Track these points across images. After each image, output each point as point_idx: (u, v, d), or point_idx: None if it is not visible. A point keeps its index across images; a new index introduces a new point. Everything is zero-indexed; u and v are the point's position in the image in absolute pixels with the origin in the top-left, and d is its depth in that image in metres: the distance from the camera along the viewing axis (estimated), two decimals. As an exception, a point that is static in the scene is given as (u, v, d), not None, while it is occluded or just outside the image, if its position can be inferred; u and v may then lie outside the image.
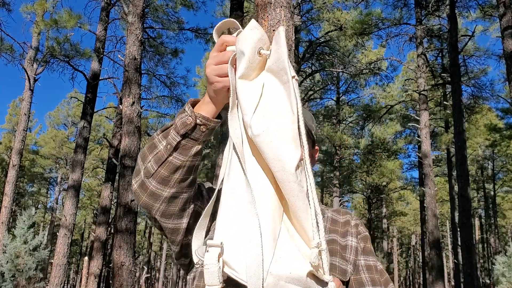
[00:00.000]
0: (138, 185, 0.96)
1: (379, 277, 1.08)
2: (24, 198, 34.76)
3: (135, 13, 8.39)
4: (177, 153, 0.91)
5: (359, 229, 1.14)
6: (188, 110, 0.90)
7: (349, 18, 14.08)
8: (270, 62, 0.78)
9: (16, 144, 13.72)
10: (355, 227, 1.14)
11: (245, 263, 0.66)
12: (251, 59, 0.77)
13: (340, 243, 1.09)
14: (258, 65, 0.78)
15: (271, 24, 3.70)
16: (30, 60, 13.90)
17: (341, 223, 1.15)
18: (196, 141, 0.91)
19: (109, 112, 23.94)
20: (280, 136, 0.72)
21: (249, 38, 0.77)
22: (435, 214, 12.98)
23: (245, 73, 0.77)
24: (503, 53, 10.17)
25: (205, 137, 0.91)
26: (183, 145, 0.91)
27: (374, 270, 1.08)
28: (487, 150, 26.47)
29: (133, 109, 7.94)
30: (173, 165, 0.92)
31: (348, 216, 1.17)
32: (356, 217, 1.18)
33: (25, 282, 9.67)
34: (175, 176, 0.93)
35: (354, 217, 1.17)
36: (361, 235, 1.13)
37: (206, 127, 0.90)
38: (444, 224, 36.72)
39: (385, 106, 19.29)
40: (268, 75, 0.79)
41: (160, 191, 0.94)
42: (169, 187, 0.94)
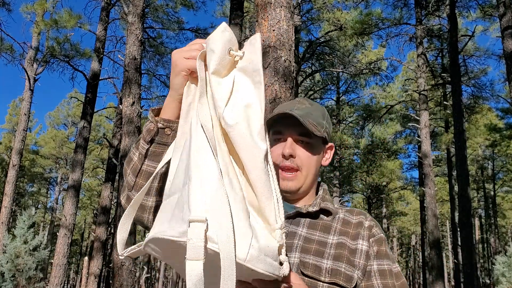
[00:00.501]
0: (124, 200, 1.02)
1: (394, 281, 1.01)
2: (24, 198, 34.76)
3: (135, 13, 8.39)
4: (149, 161, 0.95)
5: (373, 231, 1.07)
6: (150, 117, 0.93)
7: (349, 18, 14.08)
8: (243, 62, 0.84)
9: (16, 144, 13.72)
10: (368, 229, 1.07)
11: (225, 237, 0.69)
12: (221, 57, 0.82)
13: (349, 246, 1.02)
14: (227, 64, 0.83)
15: (271, 24, 3.70)
16: (30, 60, 13.90)
17: (354, 224, 1.08)
18: (166, 145, 0.93)
19: (109, 112, 23.95)
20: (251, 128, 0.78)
21: (219, 38, 0.83)
22: (435, 214, 12.98)
23: (216, 69, 0.82)
24: (503, 53, 10.17)
25: (173, 139, 0.91)
26: (152, 151, 0.93)
27: (388, 275, 1.01)
28: (487, 150, 26.47)
29: (133, 109, 7.94)
30: (148, 173, 0.95)
31: (361, 216, 1.10)
32: (371, 218, 1.10)
33: (25, 282, 9.68)
34: (154, 184, 0.97)
35: (369, 218, 1.10)
36: (375, 237, 1.06)
37: (171, 129, 0.92)
38: (444, 224, 36.72)
39: (385, 106, 19.29)
40: (239, 74, 0.84)
41: (144, 202, 0.98)
42: (151, 196, 0.97)
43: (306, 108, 1.09)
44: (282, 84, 3.60)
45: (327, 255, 0.99)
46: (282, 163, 1.06)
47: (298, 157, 1.06)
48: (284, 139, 1.07)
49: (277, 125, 1.09)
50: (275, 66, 3.61)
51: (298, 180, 1.07)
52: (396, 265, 1.04)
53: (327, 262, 0.98)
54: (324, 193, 1.14)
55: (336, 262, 0.98)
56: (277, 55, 3.63)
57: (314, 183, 1.13)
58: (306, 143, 1.07)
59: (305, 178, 1.08)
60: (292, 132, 1.07)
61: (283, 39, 3.67)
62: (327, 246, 1.02)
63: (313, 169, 1.09)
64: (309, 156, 1.08)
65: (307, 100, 1.14)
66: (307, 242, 1.02)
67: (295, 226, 1.06)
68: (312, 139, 1.07)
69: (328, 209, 1.08)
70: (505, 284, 11.41)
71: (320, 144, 1.11)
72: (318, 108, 1.12)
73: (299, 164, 1.07)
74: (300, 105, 1.09)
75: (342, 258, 1.00)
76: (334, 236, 1.04)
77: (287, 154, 1.05)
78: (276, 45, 3.65)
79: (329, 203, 1.10)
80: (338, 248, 1.01)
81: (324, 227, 1.06)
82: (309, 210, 1.07)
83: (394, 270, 1.03)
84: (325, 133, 1.09)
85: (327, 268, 0.97)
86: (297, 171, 1.07)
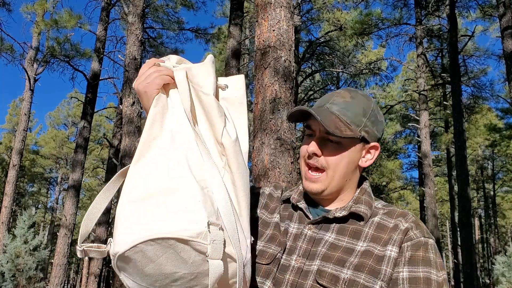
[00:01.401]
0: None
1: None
2: (24, 198, 34.76)
3: (135, 13, 8.40)
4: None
5: (409, 235, 0.93)
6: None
7: (349, 18, 14.08)
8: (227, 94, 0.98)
9: (16, 144, 13.73)
10: (403, 233, 0.93)
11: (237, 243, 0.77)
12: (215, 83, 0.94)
13: (377, 254, 0.92)
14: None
15: (271, 24, 3.71)
16: (30, 60, 13.92)
17: (389, 228, 0.96)
18: None
19: (109, 112, 23.97)
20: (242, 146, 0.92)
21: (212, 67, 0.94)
22: (435, 214, 12.99)
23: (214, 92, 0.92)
24: (503, 53, 10.18)
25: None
26: None
27: (422, 283, 0.87)
28: (487, 150, 26.48)
29: (133, 109, 7.95)
30: None
31: (400, 219, 0.97)
32: (412, 219, 0.96)
33: (25, 282, 9.68)
34: None
35: (409, 219, 0.96)
36: (411, 241, 0.92)
37: None
38: (444, 224, 36.72)
39: (385, 106, 19.30)
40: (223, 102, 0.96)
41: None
42: None
43: (343, 102, 0.98)
44: (282, 84, 3.61)
45: (349, 264, 0.91)
46: (308, 160, 0.99)
47: (324, 156, 0.97)
48: (314, 134, 0.99)
49: (308, 119, 1.01)
50: (275, 66, 3.62)
51: (321, 183, 0.98)
52: (441, 273, 0.89)
53: (346, 272, 0.90)
54: (360, 194, 1.03)
55: (356, 272, 0.90)
56: (277, 55, 3.63)
57: (348, 185, 1.02)
58: (336, 142, 0.97)
59: (331, 180, 0.98)
60: (321, 129, 0.98)
61: (283, 39, 3.67)
62: (353, 254, 0.93)
63: (342, 170, 0.98)
64: (337, 156, 0.97)
65: (350, 91, 1.02)
66: (332, 249, 0.95)
67: (324, 231, 0.98)
68: (343, 138, 0.96)
69: (359, 213, 0.98)
70: (505, 284, 11.41)
71: (356, 143, 0.99)
72: (360, 102, 0.99)
73: (323, 164, 0.98)
74: (338, 99, 0.99)
75: (364, 268, 0.90)
76: (364, 242, 0.94)
77: (310, 153, 0.98)
78: (276, 45, 3.66)
79: (362, 206, 0.99)
80: (363, 257, 0.92)
81: (354, 232, 0.97)
82: (336, 216, 0.98)
83: (434, 279, 0.88)
84: (363, 132, 0.98)
85: (345, 279, 0.89)
86: (323, 171, 0.98)
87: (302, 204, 1.04)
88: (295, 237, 1.00)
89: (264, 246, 1.01)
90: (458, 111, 12.58)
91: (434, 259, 0.90)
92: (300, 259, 0.96)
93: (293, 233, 1.01)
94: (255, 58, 3.81)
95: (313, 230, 0.99)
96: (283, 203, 1.09)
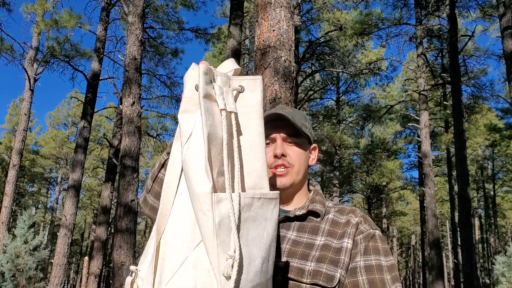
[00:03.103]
0: (142, 200, 1.14)
1: (385, 275, 1.01)
2: (24, 198, 34.77)
3: (135, 13, 8.40)
4: (164, 170, 1.02)
5: (360, 228, 1.07)
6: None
7: (349, 18, 14.08)
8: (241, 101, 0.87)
9: (16, 144, 13.73)
10: (354, 227, 1.07)
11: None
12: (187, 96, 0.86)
13: (334, 246, 1.04)
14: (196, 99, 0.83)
15: (271, 24, 3.71)
16: (30, 60, 13.91)
17: (342, 224, 1.09)
18: None
19: (109, 112, 23.96)
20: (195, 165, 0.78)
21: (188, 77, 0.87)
22: (435, 214, 12.99)
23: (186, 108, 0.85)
24: (503, 53, 10.18)
25: None
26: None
27: (376, 270, 1.01)
28: (487, 150, 26.48)
29: (133, 109, 7.95)
30: (162, 180, 1.04)
31: (350, 215, 1.11)
32: (361, 214, 1.11)
33: (25, 282, 9.68)
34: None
35: (358, 214, 1.11)
36: (363, 234, 1.06)
37: None
38: (444, 224, 36.73)
39: (385, 106, 19.30)
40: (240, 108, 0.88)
41: (156, 205, 1.05)
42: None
43: (289, 112, 1.13)
44: (282, 84, 3.61)
45: (312, 258, 1.02)
46: (275, 163, 1.11)
47: (289, 155, 1.11)
48: (273, 140, 1.12)
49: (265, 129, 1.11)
50: (275, 66, 3.62)
51: (290, 176, 1.11)
52: (388, 258, 1.04)
53: (310, 264, 1.01)
54: (314, 194, 1.16)
55: (318, 264, 1.01)
56: (277, 55, 3.63)
57: (305, 181, 1.17)
58: (295, 143, 1.13)
59: (297, 174, 1.12)
60: (281, 133, 1.12)
61: (283, 39, 3.67)
62: (313, 248, 1.04)
63: (303, 166, 1.13)
64: (299, 153, 1.13)
65: (287, 106, 1.21)
66: (295, 245, 1.06)
67: (285, 230, 1.09)
68: (299, 139, 1.13)
69: (316, 211, 1.10)
70: (505, 284, 11.41)
71: (307, 143, 1.16)
72: (299, 112, 1.18)
73: (290, 162, 1.11)
74: (284, 110, 1.14)
75: (325, 259, 1.02)
76: (322, 237, 1.06)
77: (279, 154, 1.10)
78: (276, 45, 3.66)
79: (318, 205, 1.12)
80: (323, 250, 1.03)
81: (313, 229, 1.09)
82: (297, 214, 1.10)
83: (384, 264, 1.03)
84: (309, 133, 1.15)
85: (309, 270, 1.00)
86: (289, 168, 1.11)
87: None
88: None
89: None
90: (458, 111, 12.57)
91: (382, 248, 1.05)
92: None
93: None
94: (255, 58, 3.81)
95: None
96: None
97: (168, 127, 17.21)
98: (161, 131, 16.88)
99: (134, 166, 7.71)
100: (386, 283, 1.00)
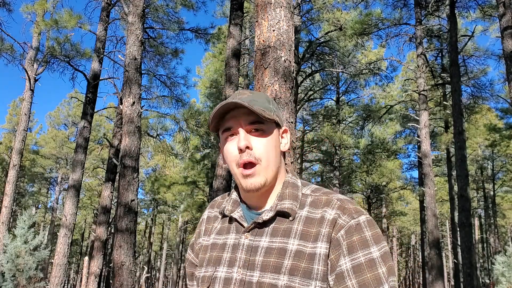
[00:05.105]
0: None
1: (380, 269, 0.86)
2: (25, 198, 34.77)
3: (135, 13, 8.41)
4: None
5: (339, 223, 0.91)
6: None
7: (349, 18, 14.09)
8: None
9: (17, 144, 13.74)
10: (330, 225, 0.91)
11: None
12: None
13: (308, 253, 0.90)
14: None
15: (271, 24, 3.72)
16: (31, 60, 13.92)
17: (316, 221, 0.93)
18: None
19: (109, 112, 23.97)
20: None
21: None
22: (435, 214, 13.00)
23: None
24: (503, 53, 10.18)
25: None
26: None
27: (366, 268, 0.86)
28: (486, 150, 26.49)
29: (133, 109, 7.96)
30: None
31: (325, 209, 0.94)
32: (338, 205, 0.93)
33: (25, 282, 9.69)
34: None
35: (335, 206, 0.93)
36: (343, 228, 0.90)
37: None
38: (444, 224, 36.73)
39: (385, 106, 19.30)
40: None
41: None
42: None
43: (248, 96, 0.99)
44: (282, 84, 3.61)
45: (284, 270, 0.90)
46: (241, 160, 0.95)
47: (255, 148, 0.96)
48: (236, 132, 0.98)
49: (224, 122, 1.00)
50: (275, 66, 3.63)
51: (259, 174, 0.96)
52: (380, 245, 0.89)
53: (283, 278, 0.89)
54: (284, 188, 1.01)
55: (291, 278, 0.89)
56: (277, 55, 3.64)
57: (279, 172, 1.01)
58: (260, 130, 0.98)
59: (267, 169, 0.96)
60: (242, 123, 0.97)
61: (283, 39, 3.68)
62: (286, 255, 0.91)
63: (272, 157, 0.98)
64: (265, 143, 0.97)
65: (247, 90, 1.05)
66: (268, 254, 0.93)
67: (259, 237, 0.97)
68: (264, 125, 0.98)
69: (283, 211, 0.96)
70: (505, 284, 11.42)
71: (274, 128, 1.01)
72: (260, 94, 1.03)
73: (257, 156, 0.96)
74: (242, 95, 1.00)
75: (298, 271, 0.89)
76: (295, 239, 0.92)
77: (243, 147, 0.95)
78: (276, 45, 3.67)
79: (286, 202, 0.97)
80: (296, 258, 0.90)
81: (285, 231, 0.95)
82: (264, 219, 0.96)
83: (377, 254, 0.87)
84: (276, 116, 1.00)
85: (282, 286, 0.89)
86: (256, 164, 0.96)
87: (236, 214, 1.02)
88: (234, 248, 0.99)
89: (204, 271, 1.02)
90: (458, 111, 12.58)
91: (369, 236, 0.89)
92: (241, 270, 0.95)
93: (231, 244, 1.00)
94: (255, 58, 3.82)
95: (249, 238, 0.98)
96: (222, 217, 1.09)
97: (168, 127, 17.21)
98: (161, 131, 16.87)
99: (134, 166, 7.72)
100: (381, 279, 0.86)
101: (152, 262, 44.67)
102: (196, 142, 21.87)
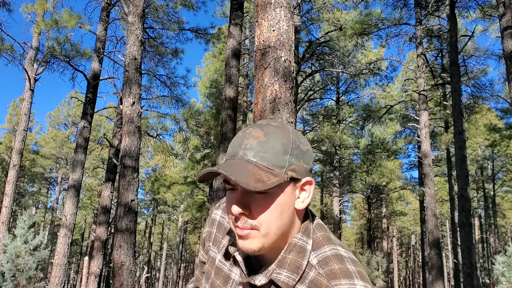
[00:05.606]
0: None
1: None
2: (25, 198, 34.79)
3: (135, 13, 8.41)
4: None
5: None
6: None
7: (349, 18, 14.10)
8: None
9: (17, 144, 13.74)
10: None
11: None
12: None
13: None
14: None
15: (271, 24, 3.72)
16: (31, 60, 13.93)
17: None
18: None
19: (109, 112, 23.99)
20: None
21: None
22: (435, 214, 13.00)
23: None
24: (503, 53, 10.18)
25: None
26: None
27: None
28: (486, 150, 26.50)
29: (133, 109, 7.96)
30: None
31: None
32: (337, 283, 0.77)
33: (25, 282, 9.70)
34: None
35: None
36: None
37: None
38: (444, 224, 36.74)
39: (385, 106, 19.31)
40: None
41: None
42: None
43: (257, 144, 0.78)
44: (282, 84, 3.61)
45: None
46: (236, 222, 0.80)
47: (253, 212, 0.78)
48: (235, 186, 0.80)
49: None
50: (275, 66, 3.63)
51: (253, 240, 0.79)
52: None
53: None
54: (286, 253, 0.82)
55: None
56: (277, 55, 3.64)
57: (288, 233, 0.82)
58: (263, 192, 0.77)
59: (265, 238, 0.78)
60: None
61: (283, 39, 3.68)
62: None
63: (276, 224, 0.78)
64: (267, 209, 0.78)
65: (262, 127, 0.81)
66: None
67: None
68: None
69: (277, 283, 0.80)
70: (505, 284, 11.43)
71: (286, 186, 0.79)
72: (276, 138, 0.79)
73: (254, 224, 0.78)
74: (251, 141, 0.79)
75: None
76: None
77: (236, 213, 0.77)
78: (276, 45, 3.67)
79: (284, 272, 0.80)
80: None
81: None
82: (256, 284, 0.82)
83: None
84: (290, 172, 0.78)
85: None
86: (253, 229, 0.78)
87: (239, 257, 0.87)
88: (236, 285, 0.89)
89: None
90: (458, 111, 12.58)
91: None
92: None
93: (235, 281, 0.89)
94: (255, 58, 3.82)
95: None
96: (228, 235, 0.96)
97: (168, 127, 17.23)
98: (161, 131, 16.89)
99: (134, 166, 7.72)
100: None
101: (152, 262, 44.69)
102: (196, 142, 21.90)
